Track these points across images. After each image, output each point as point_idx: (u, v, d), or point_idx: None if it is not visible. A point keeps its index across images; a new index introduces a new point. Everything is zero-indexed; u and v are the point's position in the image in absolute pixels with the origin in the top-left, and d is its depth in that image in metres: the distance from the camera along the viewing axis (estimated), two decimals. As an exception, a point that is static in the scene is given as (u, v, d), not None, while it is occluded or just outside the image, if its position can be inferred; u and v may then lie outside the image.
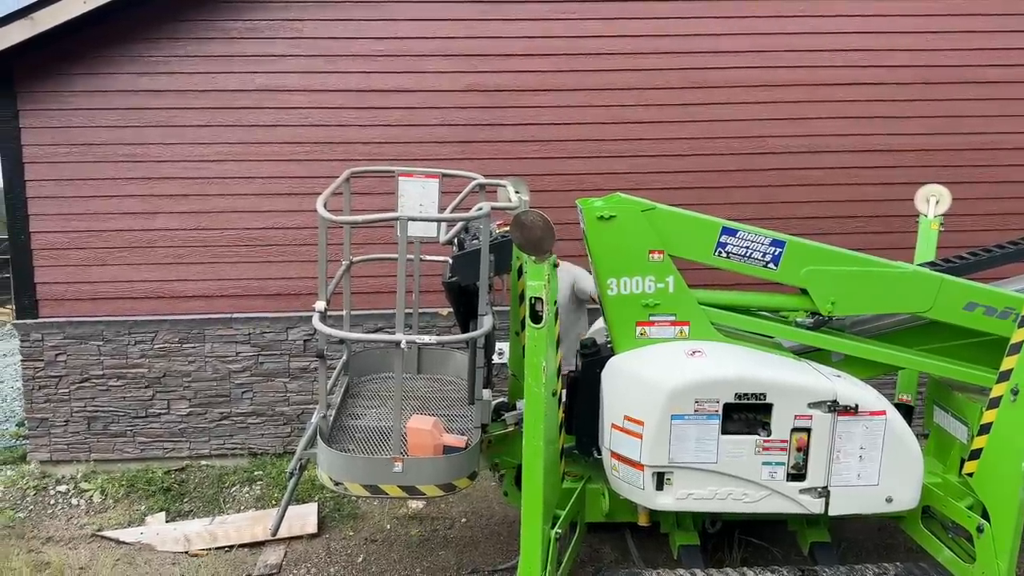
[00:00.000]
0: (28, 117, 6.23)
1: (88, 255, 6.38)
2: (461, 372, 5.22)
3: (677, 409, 3.62)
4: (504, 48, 6.38)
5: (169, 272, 6.42)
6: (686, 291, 3.94)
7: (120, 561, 5.32)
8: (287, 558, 5.26)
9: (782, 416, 3.67)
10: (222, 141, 6.31)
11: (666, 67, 6.44)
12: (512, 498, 4.82)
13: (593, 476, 4.40)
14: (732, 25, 6.45)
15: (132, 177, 6.31)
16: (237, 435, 6.65)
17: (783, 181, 6.64)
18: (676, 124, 6.50)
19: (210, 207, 6.38)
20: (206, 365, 6.55)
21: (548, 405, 3.68)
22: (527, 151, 6.47)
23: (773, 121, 6.56)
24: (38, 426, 6.60)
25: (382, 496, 3.96)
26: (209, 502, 6.10)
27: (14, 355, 12.88)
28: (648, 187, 6.24)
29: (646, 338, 3.96)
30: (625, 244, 3.90)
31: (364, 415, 4.70)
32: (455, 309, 4.71)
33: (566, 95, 6.44)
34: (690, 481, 3.72)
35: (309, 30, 6.26)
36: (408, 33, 6.32)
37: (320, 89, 6.32)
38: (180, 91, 6.24)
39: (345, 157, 6.28)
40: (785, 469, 3.72)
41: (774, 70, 6.51)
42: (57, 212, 6.33)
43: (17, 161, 6.26)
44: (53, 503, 6.20)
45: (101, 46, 6.15)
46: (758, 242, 3.89)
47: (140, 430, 6.60)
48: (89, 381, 6.52)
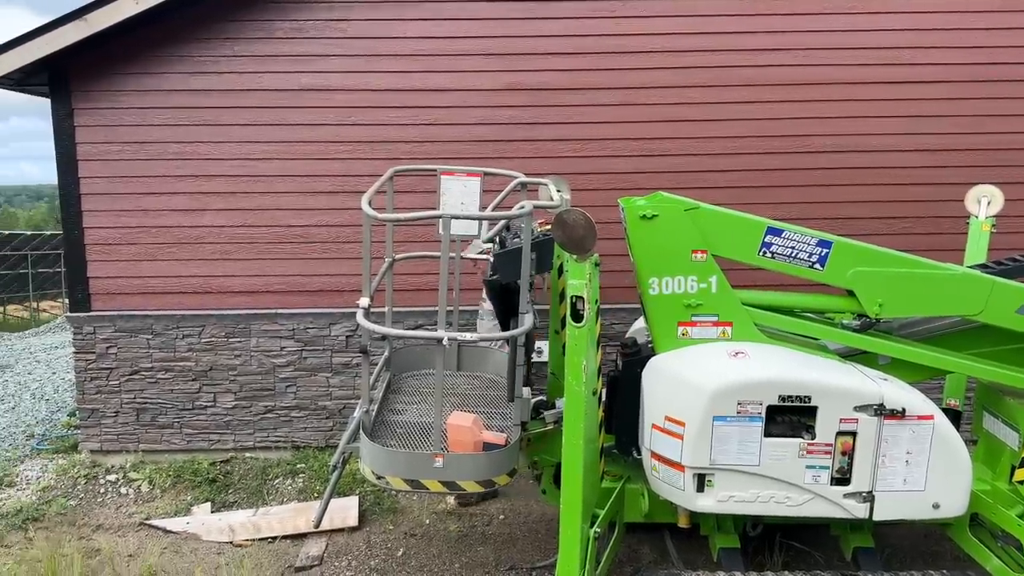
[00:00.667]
0: (82, 116, 6.41)
1: (139, 250, 6.54)
2: (500, 370, 5.25)
3: (719, 410, 3.60)
4: (545, 47, 6.38)
5: (216, 268, 6.56)
6: (729, 291, 3.91)
7: (167, 550, 5.45)
8: (328, 550, 5.34)
9: (827, 419, 3.62)
10: (267, 140, 6.42)
11: (708, 65, 6.39)
12: (550, 496, 4.84)
13: (632, 476, 4.39)
14: (776, 22, 6.36)
15: (181, 175, 6.46)
16: (281, 428, 6.77)
17: (827, 180, 6.54)
18: (718, 122, 6.44)
19: (256, 204, 6.50)
20: (251, 359, 6.67)
21: (588, 404, 3.68)
22: (567, 150, 6.47)
23: (817, 120, 6.46)
24: (89, 416, 6.78)
25: (423, 491, 4.00)
26: (253, 493, 6.21)
27: (65, 347, 13.28)
28: (689, 186, 6.21)
29: (688, 338, 3.94)
30: (667, 243, 3.88)
31: (405, 411, 4.75)
32: (495, 307, 4.73)
33: (607, 93, 6.42)
34: (732, 483, 3.69)
35: (353, 30, 6.33)
36: (449, 33, 6.36)
37: (363, 88, 6.39)
38: (227, 91, 6.37)
39: (387, 156, 6.34)
40: (829, 473, 3.68)
41: (819, 68, 6.41)
42: (109, 208, 6.49)
43: (71, 159, 6.44)
44: (103, 492, 6.37)
45: (153, 46, 6.30)
46: (804, 242, 3.85)
47: (187, 422, 6.75)
48: (138, 373, 6.68)
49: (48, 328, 17.93)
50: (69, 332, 15.49)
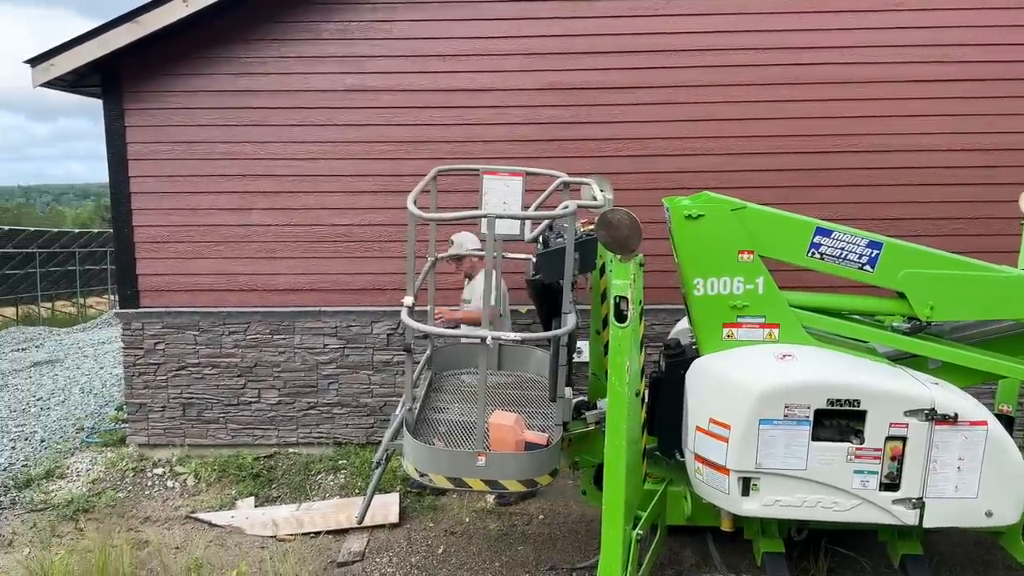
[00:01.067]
0: (133, 116, 6.55)
1: (186, 248, 6.67)
2: (541, 369, 5.25)
3: (766, 413, 3.56)
4: (587, 46, 6.37)
5: (262, 266, 6.66)
6: (776, 293, 3.87)
7: (212, 543, 5.54)
8: (370, 546, 5.38)
9: (876, 424, 3.56)
10: (313, 140, 6.50)
11: (753, 63, 6.32)
12: (590, 497, 4.83)
13: (675, 478, 4.37)
14: (823, 20, 6.27)
15: (228, 174, 6.57)
16: (323, 424, 6.85)
17: (874, 180, 6.43)
18: (763, 121, 6.36)
19: (301, 204, 6.59)
20: (295, 356, 6.76)
21: (631, 405, 3.66)
22: (609, 149, 6.45)
23: (865, 119, 6.35)
24: (137, 411, 6.93)
25: (465, 489, 4.02)
26: (296, 489, 6.29)
27: (111, 342, 13.61)
28: (733, 185, 6.13)
29: (733, 340, 3.91)
30: (713, 244, 3.86)
31: (447, 409, 4.77)
32: (537, 306, 4.74)
33: (649, 92, 6.38)
34: (778, 487, 3.65)
35: (397, 31, 6.38)
36: (493, 33, 6.38)
37: (406, 89, 6.44)
38: (274, 91, 6.46)
39: (430, 156, 6.38)
40: (878, 478, 3.62)
41: (867, 66, 6.30)
42: (158, 207, 6.63)
43: (122, 158, 6.59)
44: (150, 485, 6.51)
45: (201, 47, 6.42)
46: (854, 243, 3.80)
47: (232, 417, 6.87)
48: (185, 369, 6.82)
49: (95, 324, 18.39)
50: (115, 328, 15.88)
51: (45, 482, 6.58)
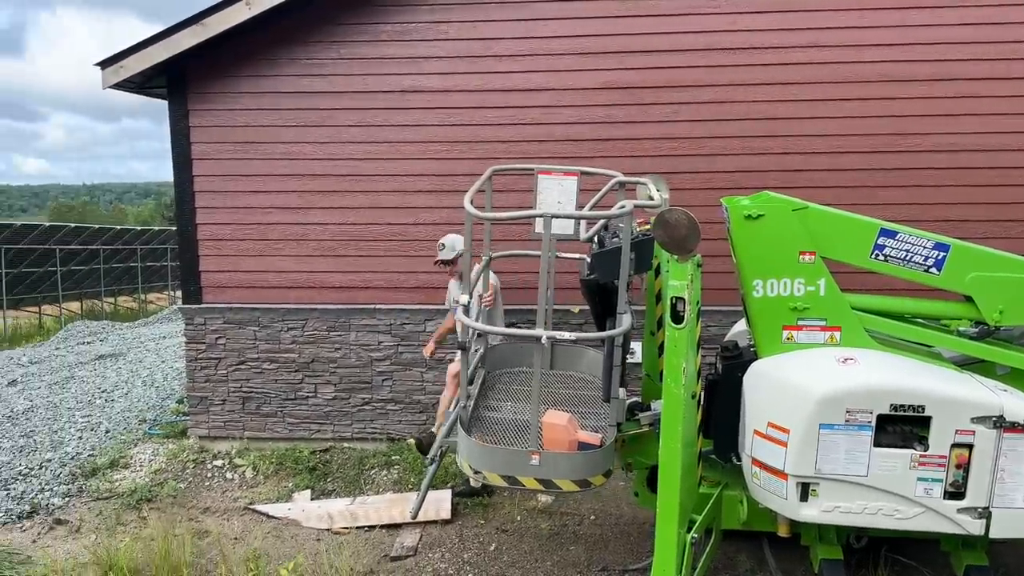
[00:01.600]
0: (197, 116, 6.74)
1: (247, 246, 6.83)
2: (594, 369, 5.23)
3: (826, 418, 3.50)
4: (643, 45, 6.33)
5: (319, 264, 6.79)
6: (838, 295, 3.80)
7: (270, 534, 5.66)
8: (423, 541, 5.44)
9: (942, 430, 3.48)
10: (370, 140, 6.60)
11: (813, 61, 6.21)
12: (643, 499, 4.80)
13: (731, 482, 4.31)
14: (885, 17, 6.12)
15: (288, 174, 6.71)
16: (377, 420, 6.95)
17: (937, 181, 6.25)
18: (823, 120, 6.24)
19: (358, 203, 6.69)
20: (350, 353, 6.87)
21: (687, 407, 3.63)
22: (667, 148, 6.40)
23: (928, 117, 6.19)
24: (198, 404, 7.12)
25: (518, 487, 4.03)
26: (350, 483, 6.40)
27: (171, 337, 13.98)
28: (792, 185, 6.04)
29: (793, 343, 3.85)
30: (773, 244, 3.80)
31: (500, 407, 4.79)
32: (591, 306, 4.72)
33: (707, 91, 6.32)
34: (837, 493, 3.58)
35: (453, 32, 6.44)
36: (548, 32, 6.39)
37: (462, 89, 6.49)
38: (334, 92, 6.58)
39: (484, 155, 6.41)
40: (942, 486, 3.53)
41: (931, 64, 6.13)
42: (221, 206, 6.81)
43: (187, 158, 6.78)
44: (210, 476, 6.68)
45: (264, 49, 6.57)
46: (920, 245, 3.71)
47: (289, 411, 7.01)
48: (245, 364, 6.98)
49: (156, 319, 18.92)
50: (175, 323, 16.34)
51: (110, 471, 6.80)
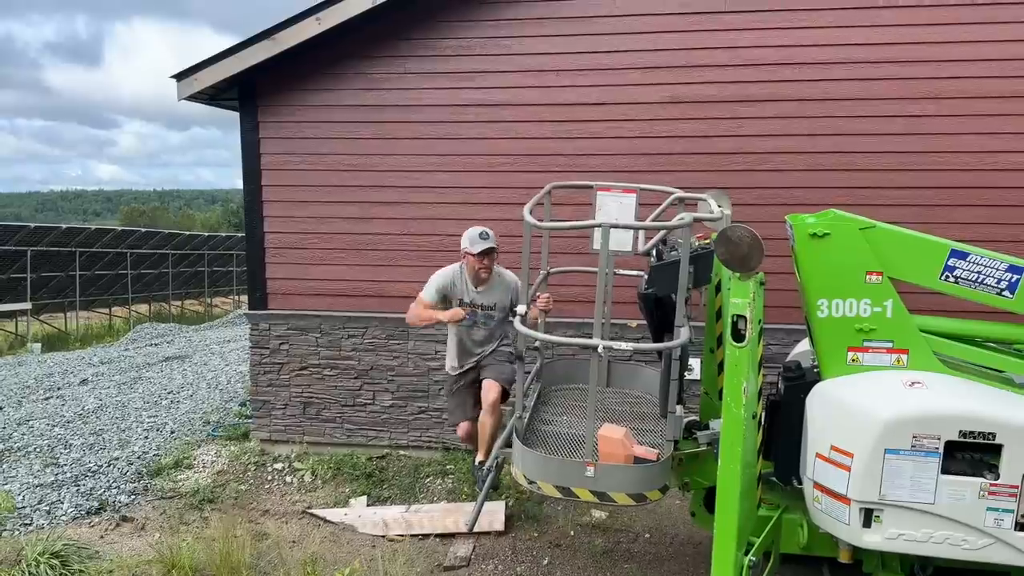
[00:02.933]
0: (267, 128, 6.94)
1: (311, 254, 7.00)
2: (650, 387, 5.20)
3: (892, 443, 3.41)
4: (706, 59, 6.29)
5: (380, 273, 6.91)
6: (906, 316, 3.70)
7: (326, 539, 5.76)
8: (476, 552, 5.47)
9: (1014, 459, 3.36)
10: (432, 153, 6.71)
11: (887, 76, 6.08)
12: (700, 519, 4.74)
13: (791, 506, 4.23)
14: (964, 32, 5.96)
15: (353, 185, 6.86)
16: (432, 429, 7.02)
17: (1015, 200, 6.04)
18: (895, 137, 6.10)
19: (419, 214, 6.80)
20: (408, 361, 6.97)
21: (747, 428, 3.58)
22: (730, 163, 6.34)
23: (1007, 135, 5.99)
24: (261, 407, 7.30)
25: (573, 499, 4.02)
26: (406, 490, 6.47)
27: (236, 340, 14.35)
28: (861, 203, 5.90)
29: (858, 364, 3.76)
30: (839, 264, 3.72)
31: (555, 421, 4.79)
32: (648, 321, 4.69)
33: (773, 105, 6.24)
34: (902, 520, 3.49)
35: (516, 47, 6.50)
36: (611, 47, 6.40)
37: (524, 103, 6.55)
38: (397, 106, 6.70)
39: (544, 169, 6.45)
40: (1014, 517, 3.40)
41: (1010, 80, 5.94)
42: (287, 215, 6.99)
43: (256, 168, 6.99)
44: (270, 479, 6.83)
45: (332, 63, 6.74)
46: (992, 267, 3.59)
47: (348, 417, 7.14)
48: (307, 369, 7.14)
49: (221, 322, 19.47)
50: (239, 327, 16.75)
51: (174, 471, 7.00)
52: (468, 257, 5.33)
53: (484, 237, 5.29)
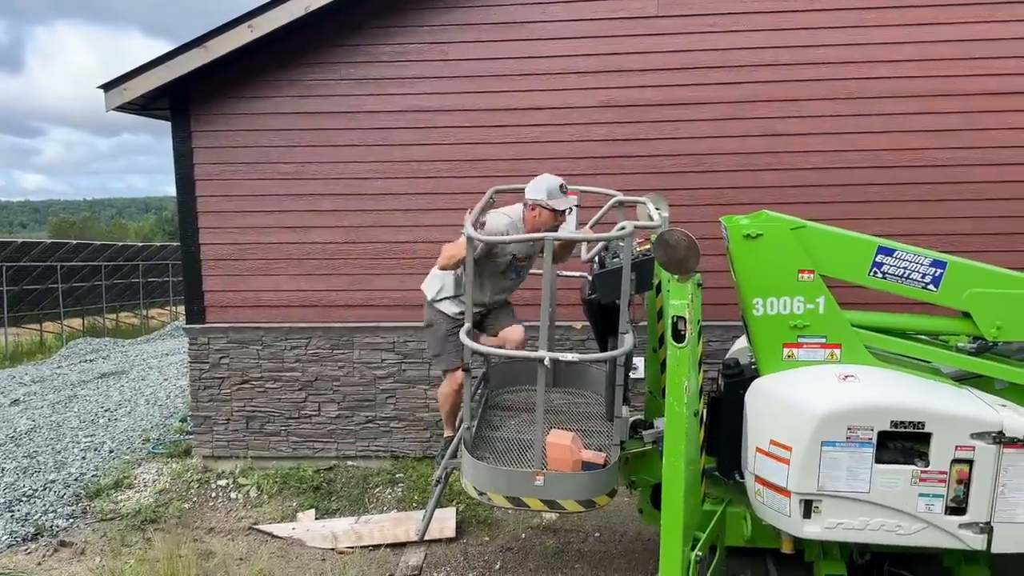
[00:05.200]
0: (200, 138, 6.79)
1: (250, 265, 6.87)
2: (596, 387, 5.28)
3: (828, 435, 3.53)
4: (641, 64, 6.39)
5: (322, 283, 6.83)
6: (838, 312, 3.83)
7: (275, 555, 5.68)
8: (427, 560, 5.46)
9: (942, 446, 3.50)
10: (372, 160, 6.66)
11: (814, 78, 6.26)
12: (647, 516, 4.82)
13: (734, 499, 4.33)
14: (885, 34, 6.17)
15: (291, 193, 6.76)
16: (381, 438, 6.97)
17: (939, 196, 6.29)
18: (823, 136, 6.29)
19: (359, 222, 6.74)
20: (354, 371, 6.91)
21: (690, 425, 3.65)
22: (665, 166, 6.45)
23: (927, 133, 6.23)
24: (202, 423, 7.14)
25: (524, 508, 4.05)
26: (355, 502, 6.41)
27: (174, 354, 14.00)
28: (792, 202, 6.08)
29: (793, 360, 3.88)
30: (772, 263, 3.83)
31: (503, 426, 4.83)
32: (593, 325, 4.76)
33: (706, 108, 6.37)
34: (840, 510, 3.61)
35: (454, 52, 6.50)
36: (547, 52, 6.45)
37: (463, 109, 6.55)
38: (334, 113, 6.63)
39: (485, 174, 6.46)
40: (944, 502, 3.55)
41: (933, 80, 6.18)
42: (223, 226, 6.85)
43: (189, 179, 6.83)
44: (214, 496, 6.69)
45: (266, 71, 6.63)
46: (917, 262, 3.74)
47: (293, 430, 7.04)
48: (248, 383, 7.01)
49: (158, 335, 18.95)
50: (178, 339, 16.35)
51: (114, 492, 6.82)
52: (540, 211, 4.43)
53: (564, 191, 4.48)
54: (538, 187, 4.41)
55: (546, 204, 4.36)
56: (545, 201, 4.36)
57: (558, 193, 4.38)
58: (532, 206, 4.42)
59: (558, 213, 4.40)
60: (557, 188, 4.39)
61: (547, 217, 4.39)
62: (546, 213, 4.38)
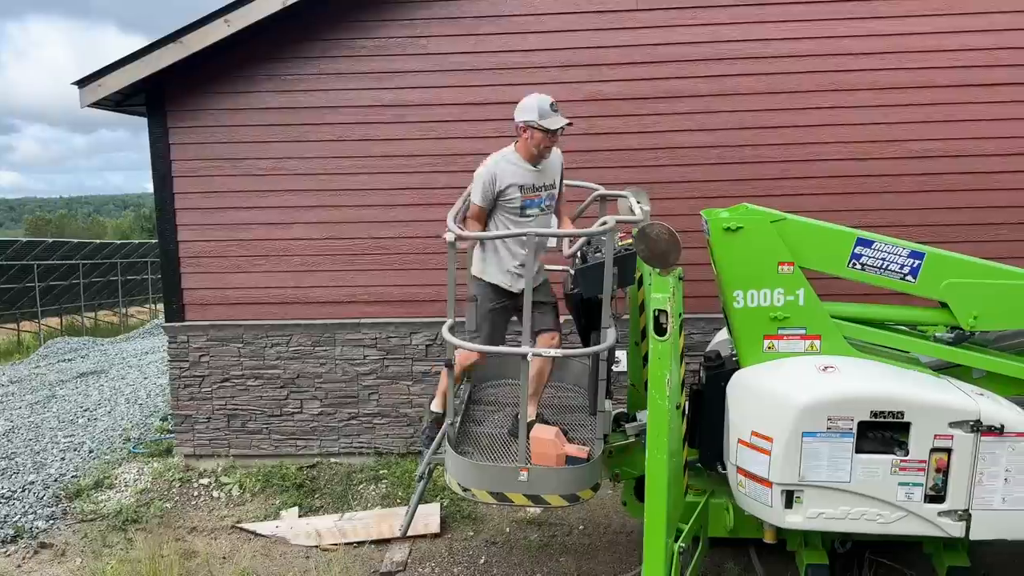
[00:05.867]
0: (177, 134, 6.72)
1: (230, 263, 6.82)
2: (579, 380, 5.28)
3: (809, 426, 3.56)
4: (622, 57, 6.39)
5: (303, 279, 6.79)
6: (817, 304, 3.86)
7: (258, 553, 5.65)
8: (412, 556, 5.45)
9: (921, 435, 3.54)
10: (352, 155, 6.61)
11: (795, 70, 6.28)
12: (631, 508, 4.84)
13: (717, 491, 4.36)
14: (862, 26, 6.21)
15: (270, 190, 6.71)
16: (364, 435, 6.95)
17: (916, 187, 6.35)
18: (802, 129, 6.33)
19: (341, 217, 6.70)
20: (336, 367, 6.87)
21: (672, 418, 3.67)
22: (647, 159, 6.46)
23: (907, 124, 6.28)
24: (183, 422, 7.09)
25: (507, 504, 4.05)
26: (338, 499, 6.39)
27: (154, 352, 13.88)
28: (772, 194, 6.13)
29: (774, 352, 3.91)
30: (753, 256, 3.86)
31: (486, 420, 4.83)
32: (575, 320, 4.75)
33: (686, 102, 6.38)
34: (821, 500, 3.64)
35: (433, 46, 6.47)
36: (526, 46, 6.43)
37: (443, 103, 6.52)
38: (314, 107, 6.59)
39: (467, 169, 6.35)
40: (923, 490, 3.60)
41: (910, 72, 6.22)
42: (202, 223, 6.79)
43: (167, 175, 6.76)
44: (196, 495, 6.64)
45: (243, 66, 6.57)
46: (895, 254, 3.78)
47: (275, 428, 7.00)
48: (229, 381, 6.96)
49: (138, 333, 18.75)
50: (158, 337, 16.21)
51: (94, 492, 6.75)
52: (532, 133, 4.19)
53: (556, 109, 4.17)
54: (528, 107, 4.16)
55: (538, 124, 4.12)
56: (537, 121, 4.12)
57: (549, 111, 4.12)
58: (523, 128, 4.19)
59: (551, 133, 4.17)
60: (548, 107, 4.13)
61: (540, 138, 4.17)
62: (538, 134, 4.16)
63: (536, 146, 4.22)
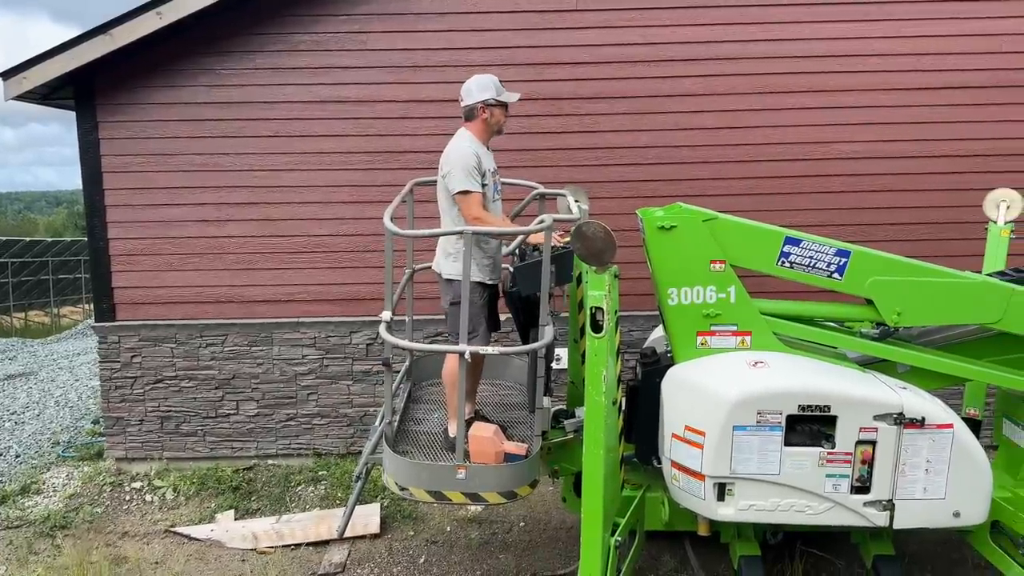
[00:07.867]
0: (107, 128, 6.51)
1: (162, 261, 6.64)
2: (518, 377, 5.30)
3: (739, 420, 3.63)
4: (563, 57, 6.43)
5: (239, 277, 6.65)
6: (748, 301, 3.95)
7: (192, 557, 5.53)
8: (351, 557, 5.40)
9: (847, 428, 3.65)
10: (289, 151, 6.51)
11: (729, 72, 6.41)
12: (570, 504, 4.88)
13: (652, 485, 4.42)
14: (792, 30, 6.37)
15: (205, 186, 6.55)
16: (302, 436, 6.85)
17: (847, 187, 6.54)
18: (738, 130, 6.46)
19: (278, 214, 6.58)
20: (273, 368, 6.76)
21: (608, 414, 3.71)
22: (586, 158, 6.51)
23: (836, 126, 6.46)
24: (114, 425, 6.88)
25: (446, 502, 4.05)
26: (276, 501, 6.29)
27: (87, 353, 13.45)
28: (708, 194, 6.24)
29: (707, 348, 3.98)
30: (686, 254, 3.92)
31: (425, 420, 4.81)
32: (515, 317, 4.77)
33: (624, 102, 6.45)
34: (752, 492, 3.72)
35: (372, 42, 6.40)
36: (468, 44, 6.41)
37: (383, 100, 6.46)
38: (250, 103, 6.45)
39: (406, 167, 6.39)
40: (849, 482, 3.70)
41: (838, 75, 6.41)
42: (133, 220, 6.60)
43: (96, 170, 6.55)
44: (128, 499, 6.47)
45: (176, 60, 6.40)
46: (822, 252, 3.88)
47: (210, 430, 6.84)
48: (162, 382, 6.78)
49: (70, 334, 18.15)
50: (90, 338, 15.70)
51: (21, 498, 6.52)
52: (492, 111, 4.25)
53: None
54: (484, 86, 4.23)
55: (497, 100, 4.23)
56: (495, 98, 4.22)
57: (502, 88, 4.27)
58: (482, 108, 4.22)
59: (505, 108, 4.31)
60: (499, 83, 4.28)
61: (499, 114, 4.29)
62: (498, 111, 4.27)
63: (496, 123, 4.30)
